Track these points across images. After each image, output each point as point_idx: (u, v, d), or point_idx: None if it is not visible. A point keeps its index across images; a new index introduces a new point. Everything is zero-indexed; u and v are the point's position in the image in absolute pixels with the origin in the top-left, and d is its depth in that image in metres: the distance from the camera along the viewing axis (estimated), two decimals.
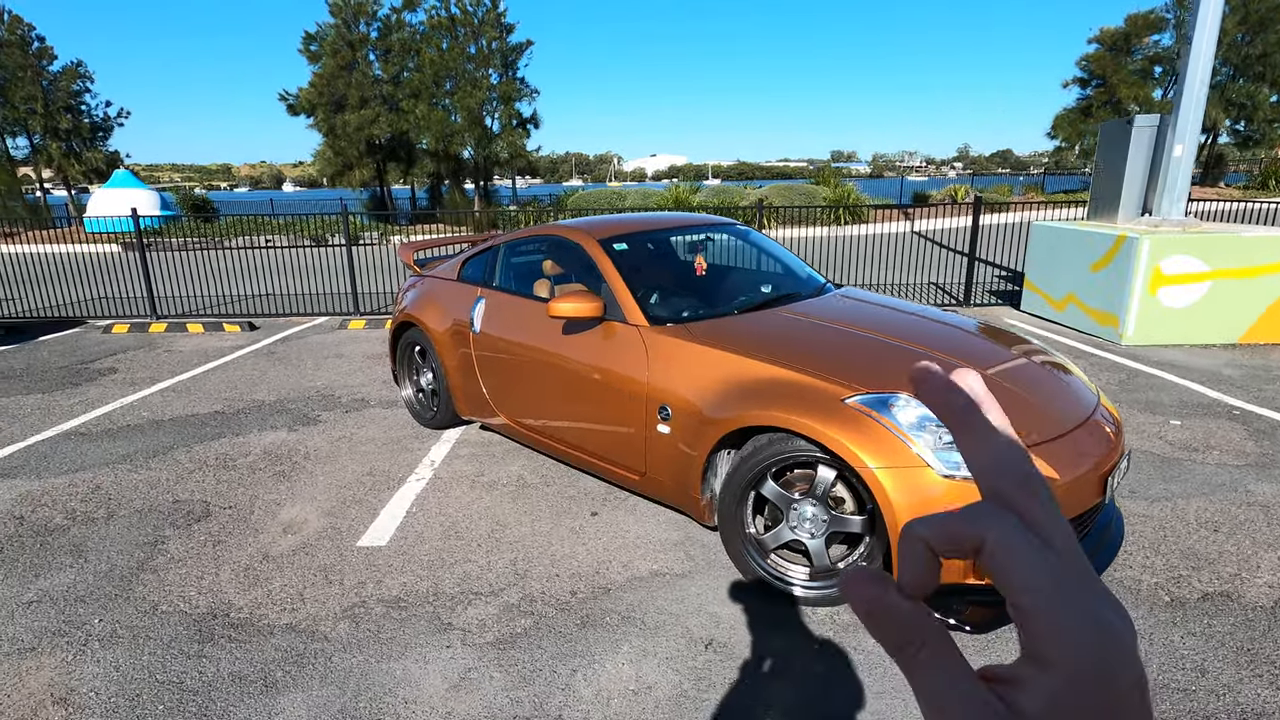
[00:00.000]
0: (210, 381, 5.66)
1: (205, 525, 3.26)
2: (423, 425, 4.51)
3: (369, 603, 2.64)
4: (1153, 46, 20.75)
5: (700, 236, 3.93)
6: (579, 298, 3.09)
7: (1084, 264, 6.97)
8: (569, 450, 3.43)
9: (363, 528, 3.21)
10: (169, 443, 4.31)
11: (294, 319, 8.26)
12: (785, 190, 20.74)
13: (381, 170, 20.28)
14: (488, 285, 3.90)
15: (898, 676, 2.18)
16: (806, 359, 2.63)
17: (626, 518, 3.27)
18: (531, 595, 2.67)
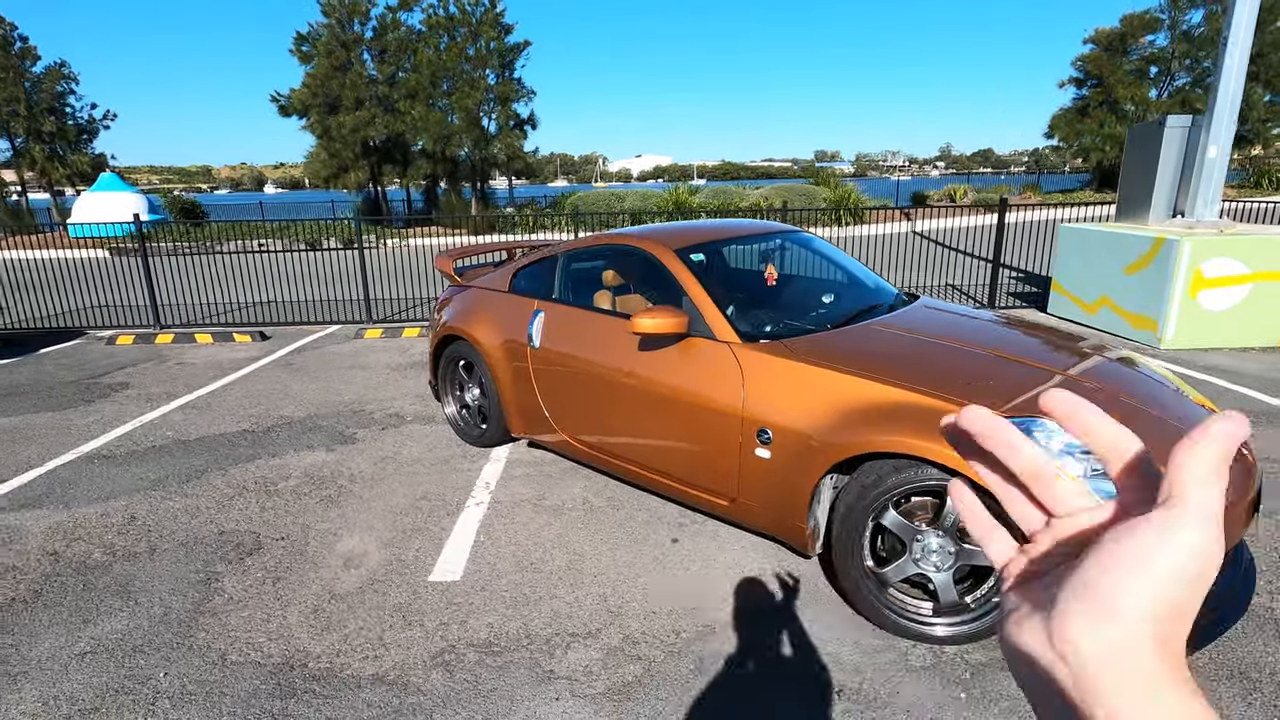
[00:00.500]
0: (231, 397, 5.41)
1: (259, 559, 3.04)
2: (468, 443, 4.30)
3: (458, 647, 2.44)
4: (1148, 47, 20.94)
5: (774, 244, 3.76)
6: (662, 313, 2.90)
7: (1118, 266, 6.89)
8: (642, 472, 3.24)
9: (430, 560, 3.01)
10: (201, 465, 4.07)
11: (305, 328, 8.00)
12: (785, 191, 20.65)
13: (377, 172, 19.94)
14: (546, 298, 3.70)
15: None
16: (926, 378, 2.46)
17: (709, 544, 3.09)
18: (632, 636, 2.48)
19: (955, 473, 2.20)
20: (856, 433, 2.39)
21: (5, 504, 3.62)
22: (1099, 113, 20.81)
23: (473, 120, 18.55)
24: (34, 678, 2.32)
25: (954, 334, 2.93)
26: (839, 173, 27.07)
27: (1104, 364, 2.75)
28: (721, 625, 2.53)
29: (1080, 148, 21.61)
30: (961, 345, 2.79)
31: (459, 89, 18.28)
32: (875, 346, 2.78)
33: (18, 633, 2.56)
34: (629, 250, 3.50)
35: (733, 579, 2.81)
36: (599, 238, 3.68)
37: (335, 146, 18.59)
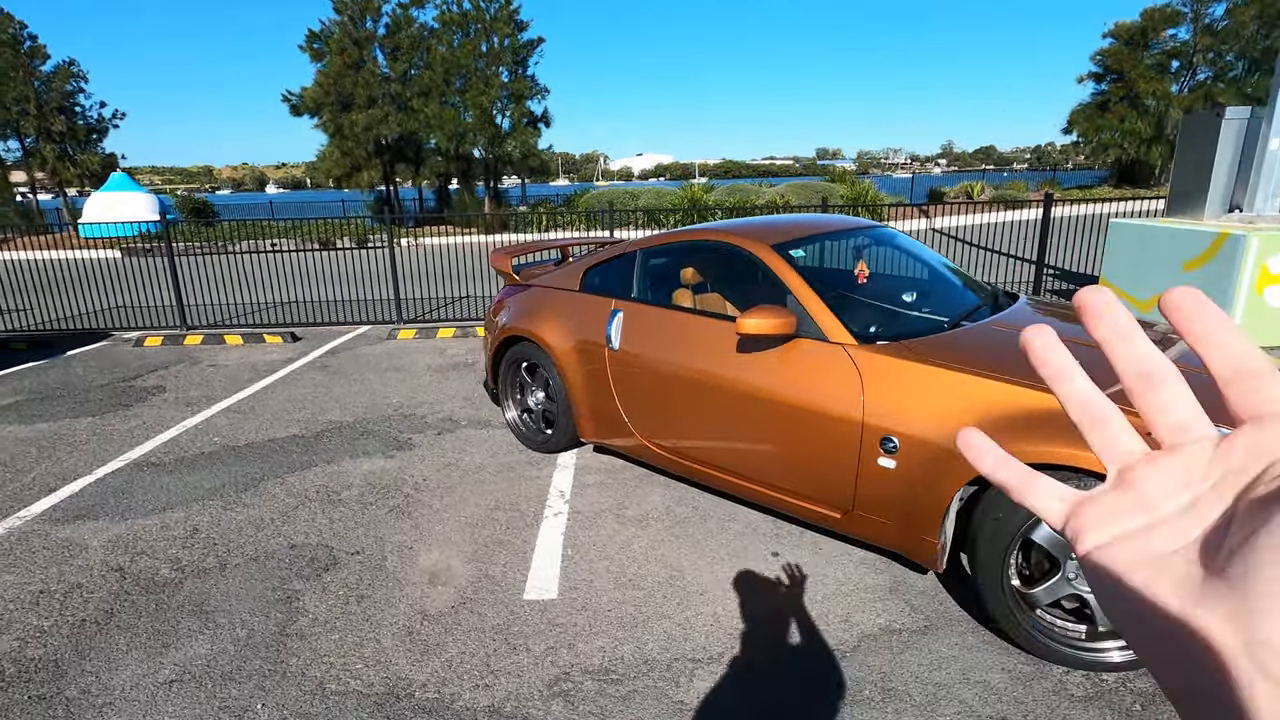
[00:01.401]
0: (272, 400, 5.23)
1: (337, 576, 2.86)
2: (531, 449, 4.12)
3: (573, 675, 2.26)
4: (1169, 40, 20.70)
5: (865, 240, 3.57)
6: (769, 313, 2.72)
7: (1176, 263, 6.69)
8: (735, 480, 3.06)
9: (520, 576, 2.83)
10: (256, 474, 3.89)
11: (334, 328, 7.83)
12: (802, 188, 20.46)
13: (390, 171, 19.75)
14: (625, 297, 3.51)
15: None
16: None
17: (813, 558, 2.90)
18: (758, 663, 2.30)
19: None
20: (1005, 442, 2.20)
21: (59, 515, 3.45)
22: (1120, 108, 20.57)
23: (487, 118, 18.36)
24: (121, 710, 2.15)
25: (1078, 334, 2.74)
26: (841, 170, 26.86)
27: None
28: (852, 649, 2.35)
29: (1100, 143, 21.40)
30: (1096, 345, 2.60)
31: (473, 86, 18.08)
32: (1004, 348, 2.59)
33: (95, 658, 2.38)
34: (718, 246, 3.31)
35: (849, 597, 2.63)
36: (680, 234, 3.50)
37: (348, 145, 18.41)
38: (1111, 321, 0.28)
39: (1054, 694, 2.13)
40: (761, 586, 2.72)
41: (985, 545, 2.25)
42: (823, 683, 2.19)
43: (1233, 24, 19.22)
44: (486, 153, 19.04)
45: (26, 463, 4.14)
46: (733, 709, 2.10)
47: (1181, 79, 20.85)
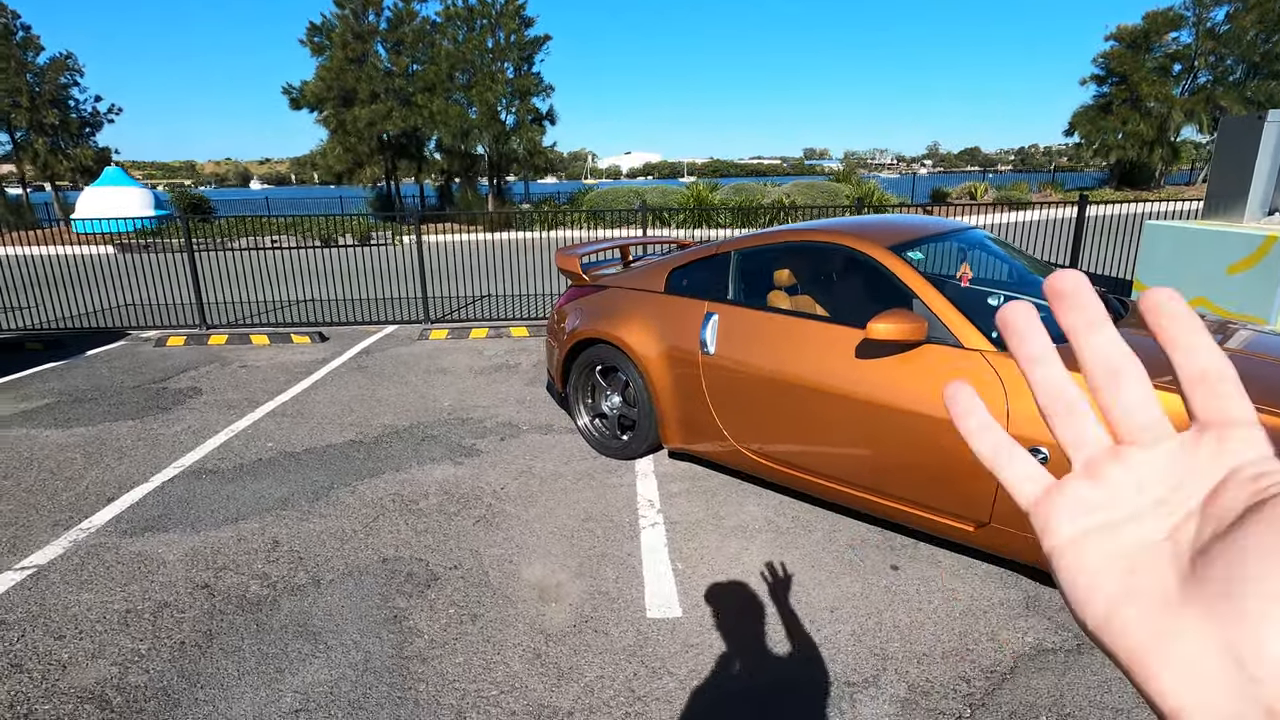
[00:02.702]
0: (317, 403, 5.06)
1: (440, 592, 2.72)
2: (605, 455, 3.99)
3: (727, 701, 2.14)
4: (1172, 44, 20.88)
5: (969, 241, 3.47)
6: (899, 318, 2.61)
7: (1218, 266, 6.67)
8: (848, 490, 2.95)
9: (636, 592, 2.70)
10: (324, 482, 3.73)
11: (361, 328, 7.63)
12: (807, 188, 20.42)
13: (392, 167, 19.48)
14: (720, 299, 3.39)
15: None
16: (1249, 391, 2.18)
17: (936, 572, 2.80)
18: (917, 685, 2.19)
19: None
20: None
21: (126, 527, 3.27)
22: (1122, 110, 20.73)
23: (492, 114, 18.14)
24: None
25: (1254, 347, 2.65)
26: (828, 170, 26.85)
27: None
28: (1009, 672, 2.25)
29: (1103, 145, 21.56)
30: (1245, 353, 2.52)
31: (479, 82, 17.86)
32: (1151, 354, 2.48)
33: (207, 685, 2.23)
34: (825, 248, 3.20)
35: (988, 614, 2.53)
36: (779, 234, 3.38)
37: (350, 141, 18.11)
38: (1082, 307, 0.27)
39: None
40: (892, 602, 2.61)
41: None
42: (995, 710, 2.09)
43: (1234, 28, 19.44)
44: (491, 150, 18.82)
45: (75, 470, 3.95)
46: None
47: (1183, 82, 21.08)
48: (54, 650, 2.42)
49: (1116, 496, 0.26)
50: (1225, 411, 0.25)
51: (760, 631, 2.46)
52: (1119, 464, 0.27)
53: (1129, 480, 0.26)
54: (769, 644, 2.39)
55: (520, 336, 7.06)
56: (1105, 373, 0.27)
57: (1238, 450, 0.24)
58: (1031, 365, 0.29)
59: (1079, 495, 0.27)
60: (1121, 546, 0.25)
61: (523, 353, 6.41)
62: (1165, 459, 0.26)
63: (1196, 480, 0.25)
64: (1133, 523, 0.25)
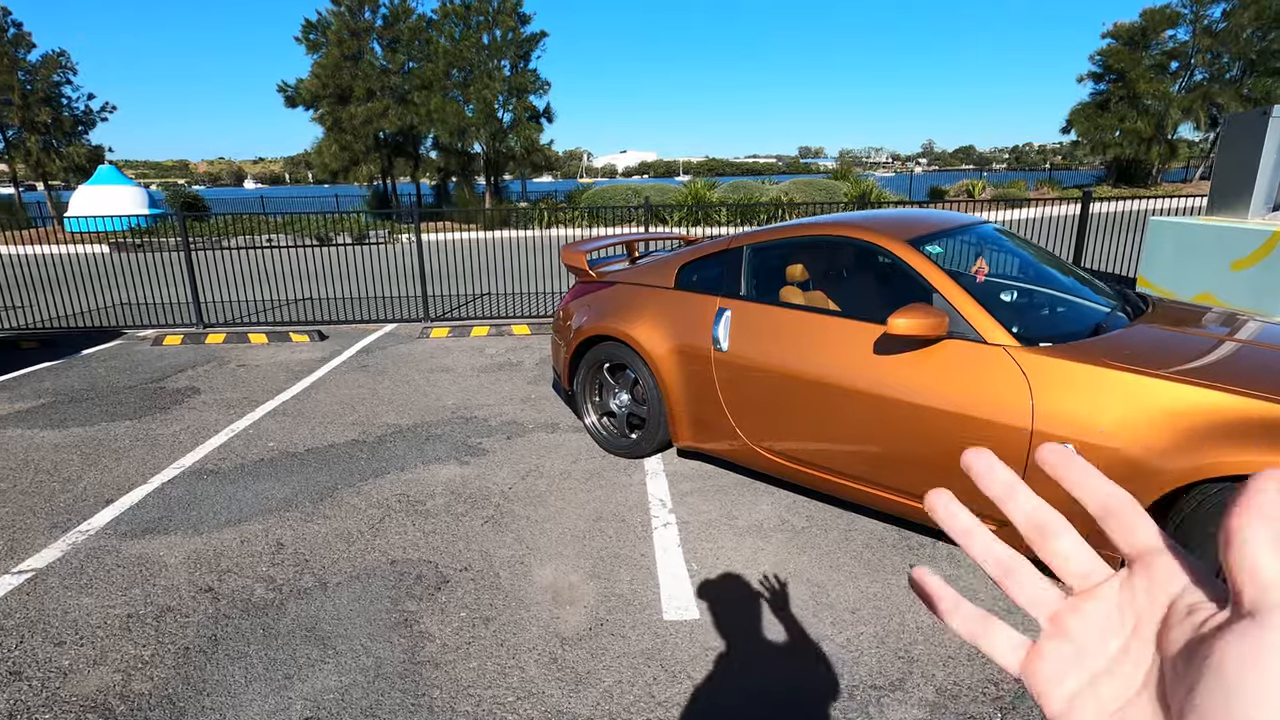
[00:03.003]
0: (318, 402, 4.98)
1: (451, 595, 2.65)
2: (613, 454, 3.93)
3: (750, 705, 2.08)
4: (1169, 41, 20.90)
5: (983, 236, 3.41)
6: (919, 313, 2.55)
7: (1224, 262, 6.65)
8: (865, 488, 2.89)
9: (651, 594, 2.64)
10: (327, 482, 3.66)
11: (360, 326, 7.55)
12: (805, 186, 20.39)
13: (389, 165, 19.35)
14: (732, 295, 3.33)
15: None
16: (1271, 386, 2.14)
17: (954, 570, 2.75)
18: (945, 688, 2.13)
19: None
20: (1211, 454, 2.06)
21: (125, 529, 3.20)
22: (1120, 108, 20.75)
23: (489, 112, 18.04)
24: None
25: (1239, 332, 2.61)
26: (823, 169, 26.87)
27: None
28: None
29: (1100, 142, 21.58)
30: (1261, 345, 2.47)
31: (476, 79, 17.75)
32: (1182, 350, 2.44)
33: (213, 692, 2.16)
34: (841, 241, 3.14)
35: (1014, 614, 2.47)
36: (792, 228, 3.32)
37: (346, 139, 17.98)
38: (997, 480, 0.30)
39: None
40: (914, 603, 2.56)
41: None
42: (1023, 711, 2.04)
43: (1231, 25, 19.47)
44: (488, 147, 18.71)
45: (72, 471, 3.87)
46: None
47: (1180, 79, 21.11)
48: (54, 657, 2.35)
49: (1085, 650, 0.27)
50: (1139, 542, 0.27)
51: (780, 633, 2.40)
52: (1078, 618, 0.28)
53: (1091, 631, 0.27)
54: (791, 646, 2.33)
55: (522, 335, 6.99)
56: (1034, 530, 0.29)
57: (1165, 581, 0.26)
58: (964, 540, 0.31)
59: (1053, 655, 0.28)
60: (1104, 707, 0.26)
61: (525, 351, 6.34)
62: (1112, 604, 0.27)
63: (1146, 622, 0.26)
64: (1108, 677, 0.26)
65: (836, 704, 2.08)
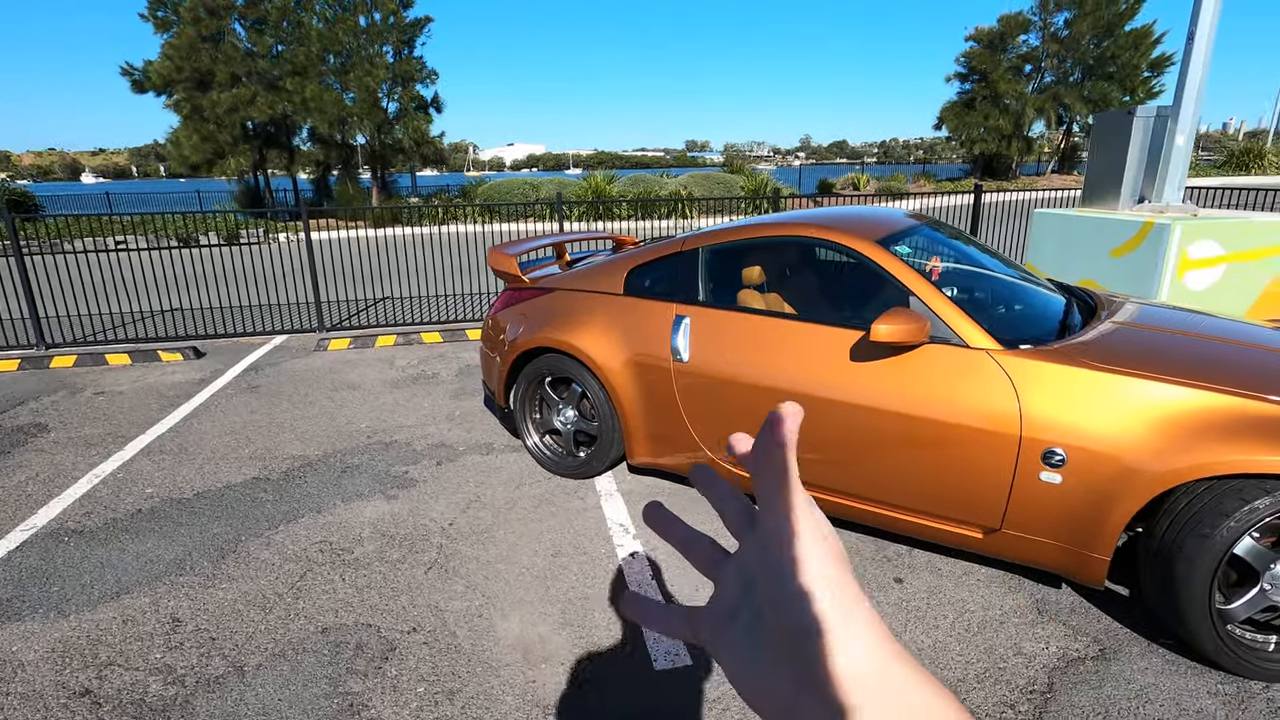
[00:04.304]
0: (204, 434, 4.32)
1: (402, 666, 2.27)
2: (560, 474, 3.62)
3: None
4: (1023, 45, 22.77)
5: (935, 236, 3.36)
6: (903, 318, 2.43)
7: (1103, 250, 7.18)
8: (842, 501, 2.77)
9: (635, 639, 2.38)
10: (228, 534, 3.12)
11: (243, 340, 6.73)
12: (703, 180, 20.59)
13: (261, 158, 17.68)
14: (690, 301, 3.10)
15: None
16: (1262, 383, 2.17)
17: (940, 582, 2.68)
18: None
19: None
20: (1213, 451, 2.05)
21: None
22: (984, 106, 22.43)
23: (373, 101, 16.85)
24: None
25: (1226, 333, 2.66)
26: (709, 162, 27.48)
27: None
28: (1046, 690, 2.13)
29: (968, 138, 23.27)
30: (1260, 348, 2.52)
31: (356, 66, 16.52)
32: (1165, 349, 2.45)
33: None
34: (806, 242, 2.98)
35: (1005, 625, 2.42)
36: (752, 228, 3.13)
37: (209, 128, 16.20)
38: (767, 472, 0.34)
39: (1273, 714, 2.01)
40: (908, 621, 2.45)
41: (1186, 563, 2.10)
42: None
43: (1073, 33, 21.49)
44: (373, 139, 17.50)
45: None
46: None
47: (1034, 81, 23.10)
48: None
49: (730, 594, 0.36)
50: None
51: None
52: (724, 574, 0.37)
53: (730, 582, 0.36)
54: None
55: (434, 343, 6.47)
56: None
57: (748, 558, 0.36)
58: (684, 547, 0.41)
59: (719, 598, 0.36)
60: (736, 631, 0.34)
61: (440, 361, 5.85)
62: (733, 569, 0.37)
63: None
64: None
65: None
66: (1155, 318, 2.81)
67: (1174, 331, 2.63)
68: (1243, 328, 2.76)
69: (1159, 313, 2.90)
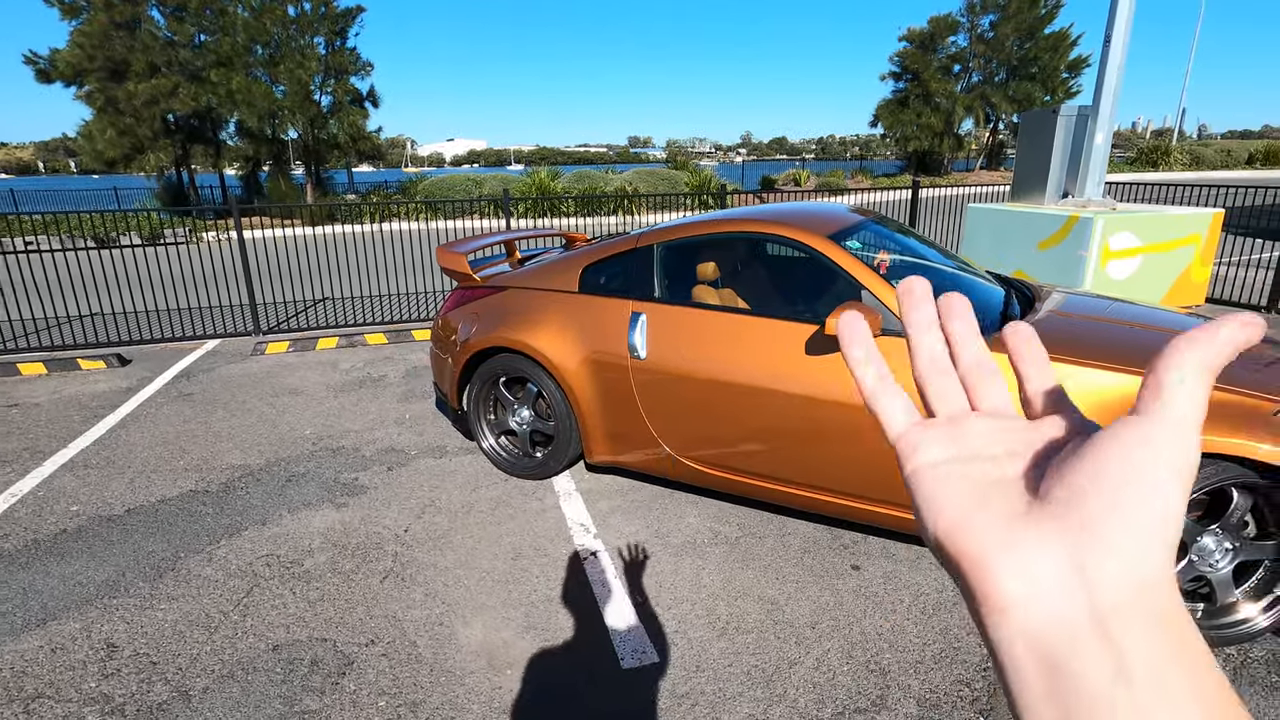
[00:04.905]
0: (133, 446, 4.08)
1: (361, 680, 2.20)
2: (516, 476, 3.57)
3: None
4: (952, 46, 23.66)
5: (879, 230, 3.44)
6: (856, 312, 2.49)
7: (1031, 242, 7.53)
8: (800, 492, 2.82)
9: (600, 639, 2.36)
10: (165, 551, 2.95)
11: (173, 345, 6.39)
12: (648, 176, 20.62)
13: (184, 153, 16.78)
14: (646, 298, 3.09)
15: None
16: None
17: (896, 567, 2.76)
18: (925, 699, 2.08)
19: (1267, 468, 2.07)
20: None
21: None
22: (916, 104, 23.21)
23: (305, 95, 16.22)
24: None
25: (1147, 320, 2.81)
26: (653, 158, 27.76)
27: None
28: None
29: (902, 136, 24.05)
30: (1152, 328, 2.69)
31: (286, 57, 15.85)
32: (1096, 337, 2.58)
33: None
34: (759, 238, 3.01)
35: (958, 605, 2.51)
36: (705, 224, 3.14)
37: (126, 122, 15.27)
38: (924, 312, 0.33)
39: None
40: (867, 608, 2.51)
41: None
42: (1001, 711, 2.03)
43: (998, 35, 22.46)
44: (306, 134, 16.86)
45: None
46: None
47: (962, 80, 24.03)
48: None
49: (974, 443, 0.29)
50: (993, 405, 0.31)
51: (750, 664, 2.24)
52: (979, 420, 0.30)
53: (986, 432, 0.30)
54: (765, 677, 2.17)
55: (379, 344, 6.28)
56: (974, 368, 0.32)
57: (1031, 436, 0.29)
58: (919, 331, 0.33)
59: (943, 434, 0.30)
60: (976, 477, 0.28)
61: (386, 363, 5.69)
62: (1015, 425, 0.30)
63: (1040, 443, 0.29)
64: (988, 463, 0.28)
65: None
66: (1086, 306, 2.96)
67: (1104, 319, 2.77)
68: (1160, 314, 2.94)
69: (1088, 301, 3.06)
